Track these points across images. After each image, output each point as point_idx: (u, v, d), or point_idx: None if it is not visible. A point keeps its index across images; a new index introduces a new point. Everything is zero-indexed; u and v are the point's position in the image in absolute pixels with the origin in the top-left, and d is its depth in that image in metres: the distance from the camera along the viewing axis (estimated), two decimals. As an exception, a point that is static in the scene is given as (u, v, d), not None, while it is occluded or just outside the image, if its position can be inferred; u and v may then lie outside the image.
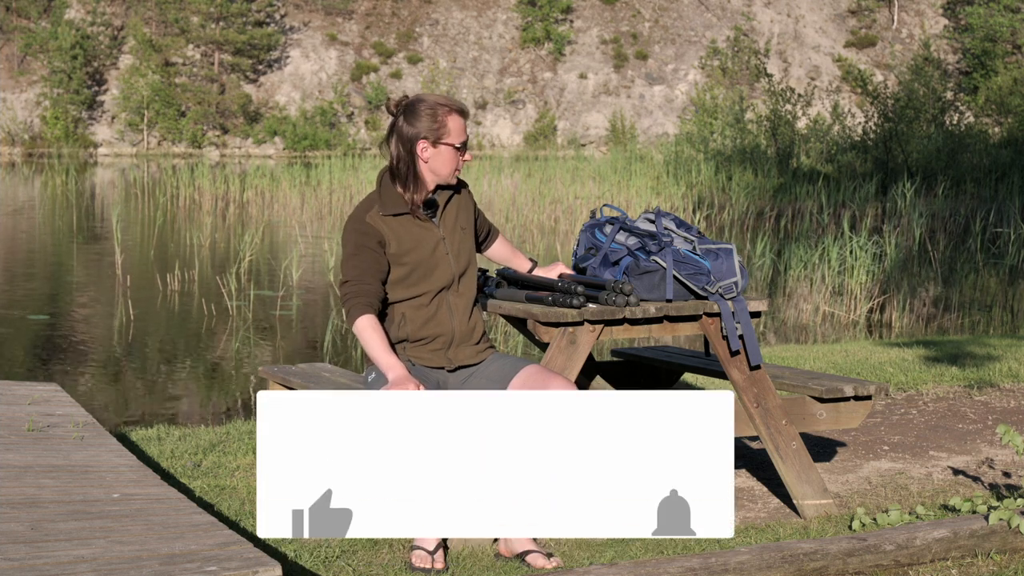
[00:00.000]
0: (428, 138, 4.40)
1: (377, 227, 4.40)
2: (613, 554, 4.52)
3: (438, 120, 4.41)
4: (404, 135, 4.42)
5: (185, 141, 48.74)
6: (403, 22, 53.73)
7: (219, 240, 18.44)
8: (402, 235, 4.41)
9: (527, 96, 52.79)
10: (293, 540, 4.59)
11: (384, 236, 4.40)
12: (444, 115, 4.41)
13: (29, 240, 19.75)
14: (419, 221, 4.45)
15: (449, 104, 4.45)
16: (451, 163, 4.43)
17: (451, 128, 4.42)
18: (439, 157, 4.42)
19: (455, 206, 4.54)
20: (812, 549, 4.22)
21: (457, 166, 4.46)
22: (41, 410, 5.45)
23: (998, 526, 4.47)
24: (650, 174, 24.11)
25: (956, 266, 15.79)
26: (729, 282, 4.80)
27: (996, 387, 7.59)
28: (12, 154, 45.72)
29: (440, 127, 4.40)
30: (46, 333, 11.39)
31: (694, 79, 52.76)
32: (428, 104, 4.42)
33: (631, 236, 4.93)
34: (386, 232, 4.40)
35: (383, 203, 4.44)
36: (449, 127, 4.41)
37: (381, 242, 4.39)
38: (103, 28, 50.71)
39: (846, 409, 5.14)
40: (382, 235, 4.40)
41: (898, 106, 25.54)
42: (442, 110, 4.42)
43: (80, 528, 3.72)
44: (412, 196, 4.43)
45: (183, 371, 9.88)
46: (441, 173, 4.44)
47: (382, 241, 4.39)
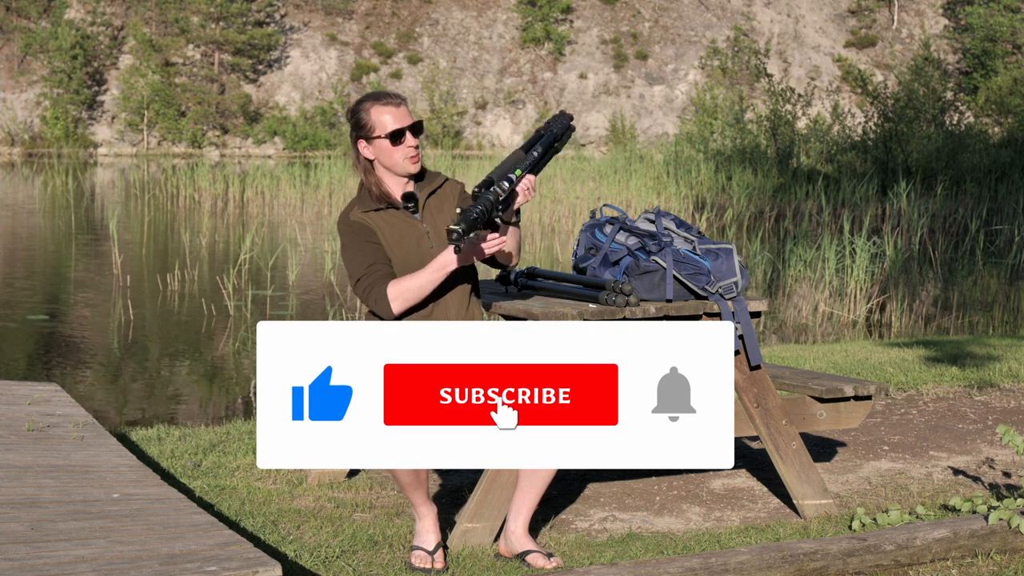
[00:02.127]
0: (362, 137, 4.43)
1: (363, 222, 4.43)
2: (613, 554, 4.52)
3: (362, 118, 4.42)
4: (351, 140, 4.49)
5: (185, 141, 48.73)
6: (403, 22, 53.73)
7: (219, 240, 18.44)
8: (386, 229, 4.43)
9: (527, 96, 52.79)
10: (293, 540, 4.59)
11: (373, 229, 4.41)
12: (367, 111, 4.42)
13: (29, 240, 19.75)
14: (401, 216, 4.45)
15: (375, 99, 4.44)
16: (393, 154, 4.41)
17: (376, 122, 4.40)
18: (380, 152, 4.42)
19: (439, 200, 4.51)
20: (812, 549, 4.22)
21: (406, 155, 4.43)
22: (41, 410, 5.45)
23: (998, 526, 4.47)
24: (650, 174, 24.10)
25: (956, 266, 15.79)
26: (729, 282, 4.81)
27: (996, 387, 7.59)
28: (12, 154, 45.71)
29: (366, 124, 4.41)
30: (46, 333, 11.39)
31: (694, 79, 52.76)
32: (355, 106, 4.46)
33: (631, 236, 4.93)
34: (372, 226, 4.42)
35: (360, 201, 4.48)
36: (374, 122, 4.40)
37: (373, 234, 4.41)
38: (103, 28, 50.70)
39: (846, 409, 5.14)
40: (371, 228, 4.42)
41: (898, 106, 25.52)
42: (365, 106, 4.43)
43: (80, 528, 3.72)
44: (380, 191, 4.43)
45: (183, 371, 9.88)
46: (391, 166, 4.44)
47: (373, 233, 4.41)
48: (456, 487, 5.37)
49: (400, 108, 4.41)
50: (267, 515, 4.90)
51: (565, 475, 5.42)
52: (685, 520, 5.04)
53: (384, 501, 5.18)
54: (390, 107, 4.41)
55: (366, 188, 4.47)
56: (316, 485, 5.35)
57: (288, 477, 5.48)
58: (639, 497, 5.33)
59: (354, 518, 4.92)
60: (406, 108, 4.43)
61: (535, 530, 4.72)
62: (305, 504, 5.09)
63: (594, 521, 5.00)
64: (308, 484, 5.36)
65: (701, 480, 5.60)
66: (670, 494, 5.39)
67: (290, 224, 20.29)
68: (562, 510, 5.11)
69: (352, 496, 5.22)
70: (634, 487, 5.47)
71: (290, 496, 5.21)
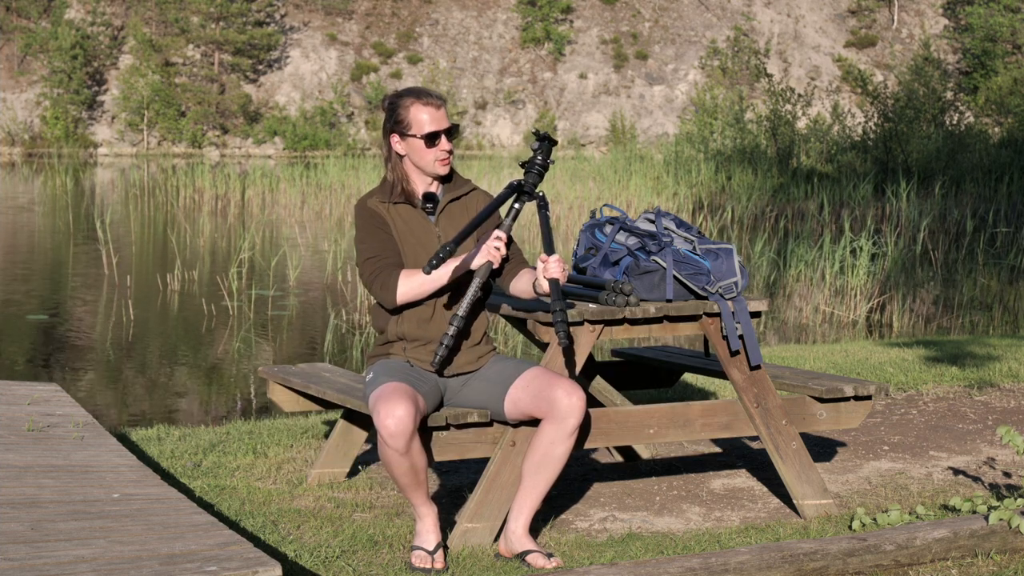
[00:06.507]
0: (397, 132, 4.44)
1: (379, 211, 4.46)
2: (613, 554, 4.51)
3: (400, 113, 4.44)
4: (383, 130, 4.50)
5: (185, 141, 48.71)
6: (403, 22, 53.72)
7: (219, 240, 18.43)
8: (399, 223, 4.46)
9: (527, 96, 52.78)
10: (293, 540, 4.59)
11: (386, 219, 4.44)
12: (406, 108, 4.43)
13: (29, 240, 19.76)
14: (417, 214, 4.47)
15: (416, 96, 4.45)
16: (425, 155, 4.43)
17: (414, 120, 4.42)
18: (412, 150, 4.44)
19: (461, 207, 4.53)
20: (812, 549, 4.22)
21: (436, 157, 4.44)
22: (41, 410, 5.45)
23: (998, 526, 4.47)
24: (650, 174, 24.08)
25: (956, 266, 15.78)
26: (729, 282, 4.80)
27: (996, 387, 7.59)
28: (12, 154, 45.69)
29: (403, 120, 4.43)
30: (46, 333, 11.39)
31: (694, 79, 52.74)
32: (394, 98, 4.48)
33: (631, 236, 4.93)
34: (387, 217, 4.45)
35: (381, 191, 4.51)
36: (411, 119, 4.42)
37: (386, 224, 4.43)
38: (103, 28, 50.68)
39: (846, 409, 5.14)
40: (384, 219, 4.44)
41: (898, 106, 25.51)
42: (405, 102, 4.44)
43: (80, 528, 3.72)
44: (403, 187, 4.45)
45: (183, 371, 9.88)
46: (421, 166, 4.45)
47: (387, 224, 4.43)
48: (456, 487, 5.37)
49: (440, 110, 4.44)
50: (267, 515, 4.90)
51: (565, 475, 5.42)
52: (685, 520, 5.04)
53: (384, 501, 5.18)
54: (430, 107, 4.43)
55: (389, 181, 4.48)
56: (316, 485, 5.35)
57: (288, 477, 5.49)
58: (639, 497, 5.33)
59: (354, 518, 4.92)
60: (445, 111, 4.46)
61: (535, 530, 4.72)
62: (305, 504, 5.09)
63: (594, 521, 5.00)
64: (308, 484, 5.36)
65: (701, 480, 5.60)
66: (670, 494, 5.39)
67: (290, 224, 20.28)
68: (562, 510, 5.11)
69: (352, 496, 5.22)
70: (634, 487, 5.47)
71: (290, 496, 5.21)
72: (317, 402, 5.40)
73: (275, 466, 5.66)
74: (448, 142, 4.45)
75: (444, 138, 4.44)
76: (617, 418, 4.83)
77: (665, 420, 4.87)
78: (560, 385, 4.34)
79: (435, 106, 4.43)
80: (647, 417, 4.85)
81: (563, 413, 4.33)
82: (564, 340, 4.15)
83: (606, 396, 5.53)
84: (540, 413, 4.38)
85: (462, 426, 4.51)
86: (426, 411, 4.37)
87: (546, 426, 4.37)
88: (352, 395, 4.91)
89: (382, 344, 4.54)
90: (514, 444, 4.54)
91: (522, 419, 4.47)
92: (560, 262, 4.26)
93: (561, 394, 4.33)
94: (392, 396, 4.19)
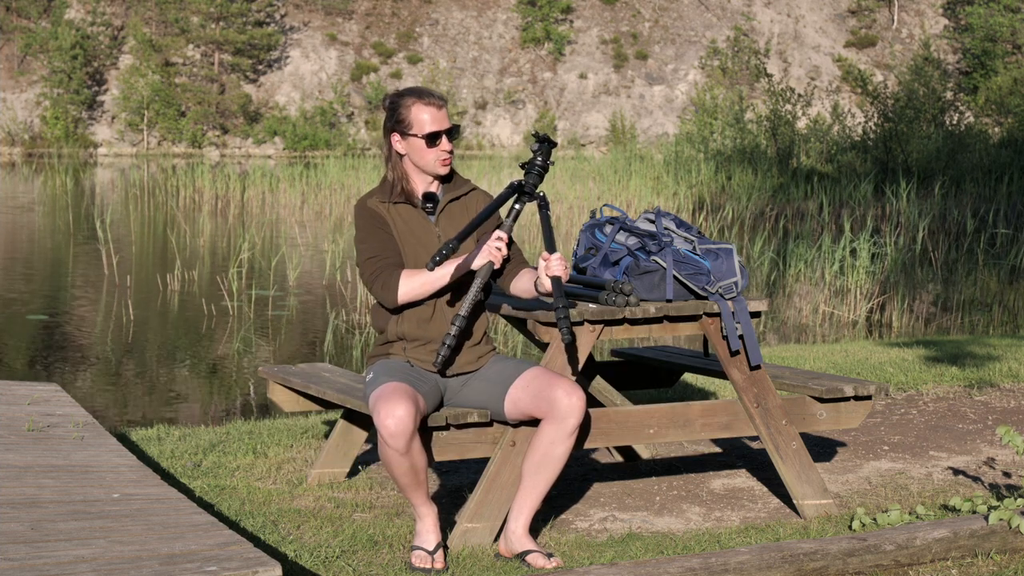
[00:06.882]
0: (397, 131, 4.45)
1: (379, 211, 4.46)
2: (613, 554, 4.51)
3: (401, 113, 4.44)
4: (384, 129, 4.51)
5: (185, 141, 48.70)
6: (403, 22, 53.71)
7: (219, 240, 18.43)
8: (399, 222, 4.46)
9: (527, 96, 52.77)
10: (293, 540, 4.59)
11: (386, 219, 4.44)
12: (408, 108, 4.43)
13: (29, 240, 19.75)
14: (417, 214, 4.48)
15: (417, 96, 4.45)
16: (426, 155, 4.44)
17: (415, 120, 4.42)
18: (412, 149, 4.44)
19: (461, 207, 4.54)
20: (812, 549, 4.22)
21: (437, 158, 4.45)
22: (41, 410, 5.44)
23: (998, 526, 4.47)
24: (650, 174, 24.08)
25: (956, 266, 15.78)
26: (729, 282, 4.80)
27: (996, 387, 7.59)
28: (12, 154, 45.69)
29: (404, 120, 4.43)
30: (46, 333, 11.39)
31: (694, 79, 52.73)
32: (395, 98, 4.48)
33: (631, 236, 4.93)
34: (387, 217, 4.45)
35: (381, 191, 4.52)
36: (412, 119, 4.42)
37: (386, 224, 4.44)
38: (103, 28, 50.68)
39: (846, 409, 5.13)
40: (384, 219, 4.44)
41: (898, 106, 25.52)
42: (406, 101, 4.45)
43: (80, 528, 3.71)
44: (403, 186, 4.46)
45: (183, 371, 9.88)
46: (422, 165, 4.46)
47: (387, 224, 4.44)
48: (456, 487, 5.37)
49: (441, 110, 4.44)
50: (267, 515, 4.90)
51: (565, 475, 5.42)
52: (685, 520, 5.04)
53: (384, 501, 5.18)
54: (431, 107, 4.43)
55: (389, 181, 4.48)
56: (316, 485, 5.35)
57: (288, 477, 5.49)
58: (639, 497, 5.33)
59: (354, 518, 4.92)
60: (446, 111, 4.47)
61: (535, 530, 4.72)
62: (305, 504, 5.09)
63: (594, 521, 5.00)
64: (308, 484, 5.36)
65: (701, 480, 5.60)
66: (670, 494, 5.39)
67: (290, 224, 20.28)
68: (562, 510, 5.11)
69: (352, 496, 5.22)
70: (634, 487, 5.47)
71: (290, 496, 5.21)
72: (317, 402, 5.40)
73: (275, 466, 5.66)
74: (449, 142, 4.46)
75: (445, 138, 4.44)
76: (617, 418, 4.83)
77: (665, 420, 4.87)
78: (560, 385, 4.34)
79: (436, 106, 4.44)
80: (647, 417, 4.85)
81: (563, 413, 4.33)
82: (567, 336, 4.17)
83: (606, 396, 5.53)
84: (540, 413, 4.38)
85: (462, 426, 4.51)
86: (426, 411, 4.37)
87: (546, 426, 4.37)
88: (352, 395, 4.91)
89: (382, 344, 4.54)
90: (514, 444, 4.54)
91: (522, 419, 4.47)
92: (562, 260, 4.27)
93: (561, 394, 4.33)
94: (392, 396, 4.19)
